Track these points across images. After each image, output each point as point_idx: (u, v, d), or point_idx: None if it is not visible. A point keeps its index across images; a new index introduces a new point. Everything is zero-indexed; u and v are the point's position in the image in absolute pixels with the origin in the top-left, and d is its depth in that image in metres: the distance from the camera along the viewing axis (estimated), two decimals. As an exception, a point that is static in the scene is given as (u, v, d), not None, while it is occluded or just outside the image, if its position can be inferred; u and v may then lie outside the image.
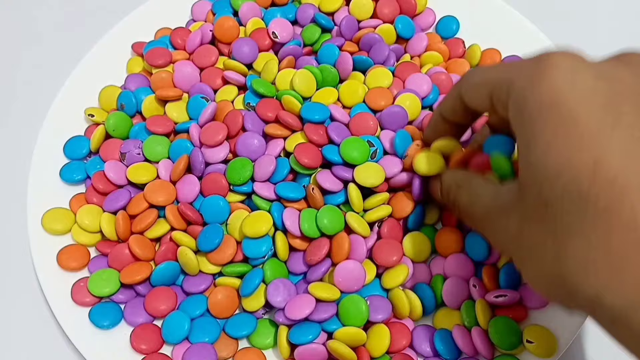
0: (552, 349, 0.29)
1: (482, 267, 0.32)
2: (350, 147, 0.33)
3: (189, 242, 0.32)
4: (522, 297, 0.31)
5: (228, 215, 0.33)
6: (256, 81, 0.36)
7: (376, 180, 0.32)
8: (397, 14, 0.41)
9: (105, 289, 0.32)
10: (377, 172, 0.32)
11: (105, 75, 0.40)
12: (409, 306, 0.31)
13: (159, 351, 0.31)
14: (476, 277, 0.32)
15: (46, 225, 0.34)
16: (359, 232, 0.31)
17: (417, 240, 0.33)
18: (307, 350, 0.29)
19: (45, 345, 0.34)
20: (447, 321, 0.31)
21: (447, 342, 0.30)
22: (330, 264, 0.31)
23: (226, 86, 0.38)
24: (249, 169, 0.33)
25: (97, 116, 0.38)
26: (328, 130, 0.34)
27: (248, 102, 0.36)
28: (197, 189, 0.34)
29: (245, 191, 0.34)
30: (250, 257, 0.32)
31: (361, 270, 0.31)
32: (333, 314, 0.30)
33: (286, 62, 0.38)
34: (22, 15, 0.48)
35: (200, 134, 0.35)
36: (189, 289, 0.32)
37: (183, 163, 0.34)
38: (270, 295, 0.31)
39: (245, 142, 0.34)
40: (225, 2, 0.42)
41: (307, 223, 0.31)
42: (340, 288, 0.31)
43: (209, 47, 0.40)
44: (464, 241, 0.33)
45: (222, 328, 0.32)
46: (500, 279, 0.31)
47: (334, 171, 0.33)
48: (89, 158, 0.37)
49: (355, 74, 0.38)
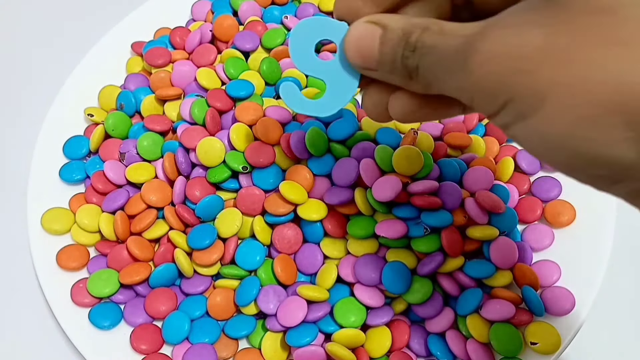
0: (556, 344, 0.29)
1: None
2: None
3: (184, 242, 0.32)
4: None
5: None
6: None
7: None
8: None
9: (105, 289, 0.32)
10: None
11: (105, 75, 0.40)
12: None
13: (159, 351, 0.31)
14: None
15: (46, 225, 0.34)
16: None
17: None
18: (305, 352, 0.29)
19: (45, 345, 0.34)
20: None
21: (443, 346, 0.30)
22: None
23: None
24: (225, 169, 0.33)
25: (97, 116, 0.38)
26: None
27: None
28: (183, 189, 0.34)
29: (233, 188, 0.34)
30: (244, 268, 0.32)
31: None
32: (327, 312, 0.30)
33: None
34: (22, 15, 0.48)
35: (182, 134, 0.34)
36: (188, 290, 0.32)
37: (168, 162, 0.34)
38: (261, 302, 0.31)
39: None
40: (225, 2, 0.42)
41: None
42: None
43: (208, 46, 0.39)
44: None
45: (222, 329, 0.32)
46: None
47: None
48: (88, 158, 0.37)
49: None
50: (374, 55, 0.19)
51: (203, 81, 0.37)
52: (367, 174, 0.32)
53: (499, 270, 0.31)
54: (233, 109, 0.36)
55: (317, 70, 0.22)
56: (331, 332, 0.30)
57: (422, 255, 0.31)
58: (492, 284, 0.31)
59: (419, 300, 0.30)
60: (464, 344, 0.29)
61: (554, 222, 0.33)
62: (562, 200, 0.34)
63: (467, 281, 0.30)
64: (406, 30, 0.18)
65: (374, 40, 0.19)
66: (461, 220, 0.31)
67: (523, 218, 0.33)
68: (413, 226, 0.31)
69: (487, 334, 0.29)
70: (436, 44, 0.18)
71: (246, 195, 0.33)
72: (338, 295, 0.31)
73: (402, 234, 0.30)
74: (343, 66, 0.21)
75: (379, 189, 0.31)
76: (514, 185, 0.34)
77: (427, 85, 0.19)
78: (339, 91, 0.22)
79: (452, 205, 0.31)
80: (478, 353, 0.29)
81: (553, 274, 0.31)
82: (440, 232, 0.30)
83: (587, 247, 0.32)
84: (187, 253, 0.32)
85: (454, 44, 0.17)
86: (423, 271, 0.30)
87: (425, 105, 0.20)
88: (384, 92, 0.21)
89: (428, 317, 0.30)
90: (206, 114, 0.34)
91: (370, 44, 0.19)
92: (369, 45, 0.19)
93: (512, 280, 0.31)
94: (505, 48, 0.16)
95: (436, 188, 0.31)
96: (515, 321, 0.30)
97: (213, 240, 0.32)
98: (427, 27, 0.18)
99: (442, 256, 0.30)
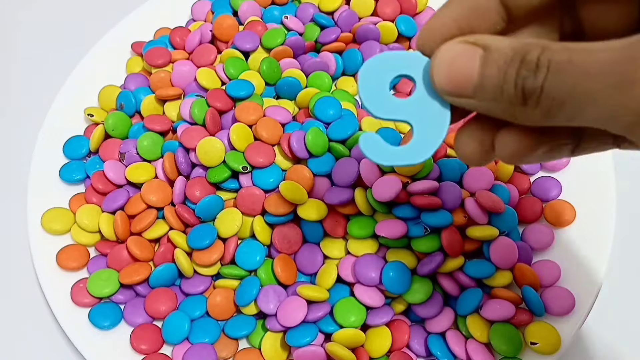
0: (556, 344, 0.29)
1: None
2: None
3: (184, 242, 0.32)
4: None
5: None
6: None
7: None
8: (398, 12, 0.41)
9: (105, 289, 0.32)
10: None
11: (105, 75, 0.40)
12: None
13: (159, 351, 0.31)
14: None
15: (46, 225, 0.34)
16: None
17: None
18: (305, 352, 0.29)
19: (45, 345, 0.34)
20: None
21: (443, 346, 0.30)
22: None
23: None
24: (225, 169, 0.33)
25: (97, 116, 0.38)
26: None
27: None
28: (183, 189, 0.34)
29: (233, 188, 0.34)
30: (244, 268, 0.32)
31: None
32: (327, 312, 0.30)
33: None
34: (22, 15, 0.48)
35: (182, 134, 0.34)
36: (188, 290, 0.32)
37: (168, 162, 0.34)
38: (261, 302, 0.31)
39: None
40: (225, 2, 0.42)
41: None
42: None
43: (208, 46, 0.39)
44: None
45: (222, 329, 0.32)
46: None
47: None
48: (88, 158, 0.37)
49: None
50: (472, 79, 0.16)
51: (203, 81, 0.37)
52: (367, 174, 0.32)
53: (499, 270, 0.31)
54: (233, 109, 0.36)
55: (396, 112, 0.18)
56: (331, 332, 0.30)
57: (422, 255, 0.31)
58: (492, 284, 0.31)
59: (419, 300, 0.30)
60: (464, 344, 0.29)
61: (554, 222, 0.33)
62: (562, 200, 0.34)
63: (467, 281, 0.30)
64: (518, 49, 0.15)
65: (472, 61, 0.16)
66: (461, 220, 0.31)
67: (523, 218, 0.33)
68: (413, 226, 0.31)
69: (487, 334, 0.29)
70: (573, 58, 0.14)
71: (246, 195, 0.33)
72: (338, 295, 0.31)
73: (402, 234, 0.30)
74: (428, 102, 0.18)
75: (379, 189, 0.31)
76: (514, 185, 0.34)
77: (548, 113, 0.15)
78: (428, 131, 0.18)
79: (452, 205, 0.31)
80: (478, 353, 0.29)
81: (553, 274, 0.31)
82: (440, 232, 0.30)
83: (587, 247, 0.32)
84: (187, 253, 0.32)
85: (606, 58, 0.14)
86: (423, 271, 0.30)
87: (543, 142, 0.17)
88: (487, 129, 0.18)
89: (428, 317, 0.30)
90: (206, 114, 0.34)
91: (467, 65, 0.16)
92: (465, 66, 0.16)
93: (512, 280, 0.31)
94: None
95: (436, 188, 0.31)
96: (515, 321, 0.30)
97: (213, 240, 0.32)
98: (546, 46, 0.15)
99: (442, 256, 0.30)
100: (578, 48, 0.15)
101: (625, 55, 0.14)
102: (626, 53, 0.14)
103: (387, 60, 0.18)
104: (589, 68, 0.14)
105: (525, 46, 0.15)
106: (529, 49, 0.15)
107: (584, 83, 0.14)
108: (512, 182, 0.34)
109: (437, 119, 0.18)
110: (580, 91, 0.14)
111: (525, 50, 0.15)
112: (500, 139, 0.18)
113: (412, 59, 0.18)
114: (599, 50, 0.14)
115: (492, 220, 0.32)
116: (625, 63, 0.14)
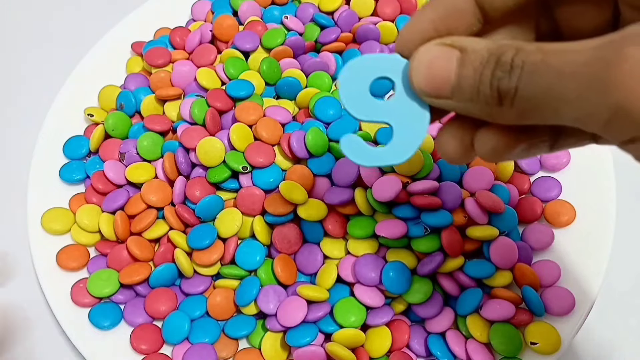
0: (556, 344, 0.29)
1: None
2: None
3: (184, 242, 0.32)
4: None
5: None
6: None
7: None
8: (397, 12, 0.41)
9: (105, 289, 0.32)
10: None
11: (105, 75, 0.40)
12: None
13: (159, 351, 0.31)
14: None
15: (46, 225, 0.34)
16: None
17: None
18: (305, 352, 0.29)
19: (45, 345, 0.34)
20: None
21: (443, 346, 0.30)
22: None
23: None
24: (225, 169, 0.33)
25: (97, 116, 0.38)
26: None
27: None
28: (183, 189, 0.34)
29: (233, 188, 0.34)
30: (244, 268, 0.32)
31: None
32: (327, 312, 0.30)
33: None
34: (22, 15, 0.48)
35: (182, 134, 0.34)
36: (188, 290, 0.32)
37: (168, 162, 0.34)
38: (261, 302, 0.31)
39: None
40: (225, 2, 0.42)
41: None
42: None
43: (208, 46, 0.39)
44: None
45: (222, 329, 0.32)
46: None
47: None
48: (88, 158, 0.37)
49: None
50: (449, 79, 0.16)
51: (203, 81, 0.37)
52: (367, 174, 0.32)
53: (499, 270, 0.31)
54: (233, 109, 0.36)
55: (377, 114, 0.19)
56: (331, 332, 0.30)
57: (422, 255, 0.31)
58: (492, 284, 0.31)
59: (419, 300, 0.30)
60: (464, 344, 0.29)
61: (554, 222, 0.33)
62: (562, 200, 0.34)
63: (467, 281, 0.30)
64: (493, 50, 0.16)
65: (450, 63, 0.16)
66: (461, 220, 0.31)
67: (523, 218, 0.33)
68: (413, 226, 0.31)
69: (487, 334, 0.29)
70: (546, 59, 0.15)
71: (246, 195, 0.33)
72: (338, 295, 0.31)
73: (402, 234, 0.30)
74: (408, 103, 0.19)
75: (379, 189, 0.31)
76: (514, 185, 0.34)
77: (522, 113, 0.16)
78: (408, 132, 0.19)
79: (452, 205, 0.31)
80: (478, 353, 0.29)
81: (553, 274, 0.31)
82: (440, 232, 0.30)
83: (587, 247, 0.32)
84: (187, 253, 0.32)
85: (578, 58, 0.14)
86: (423, 271, 0.30)
87: (521, 140, 0.18)
88: (466, 128, 0.18)
89: (428, 317, 0.30)
90: (206, 114, 0.34)
91: (445, 67, 0.16)
92: (442, 67, 0.17)
93: (512, 280, 0.31)
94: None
95: (436, 188, 0.31)
96: (515, 321, 0.30)
97: (213, 240, 0.32)
98: (520, 47, 0.15)
99: (442, 256, 0.30)
100: (552, 49, 0.15)
101: (596, 56, 0.14)
102: (598, 53, 0.14)
103: (367, 62, 0.19)
104: (563, 68, 0.14)
105: (500, 47, 0.16)
106: (503, 50, 0.15)
107: (558, 83, 0.14)
108: (512, 182, 0.34)
109: (416, 120, 0.19)
110: (554, 91, 0.14)
111: (500, 52, 0.15)
112: (479, 138, 0.18)
113: (391, 61, 0.19)
114: (572, 51, 0.14)
115: (492, 220, 0.32)
116: (597, 63, 0.14)
